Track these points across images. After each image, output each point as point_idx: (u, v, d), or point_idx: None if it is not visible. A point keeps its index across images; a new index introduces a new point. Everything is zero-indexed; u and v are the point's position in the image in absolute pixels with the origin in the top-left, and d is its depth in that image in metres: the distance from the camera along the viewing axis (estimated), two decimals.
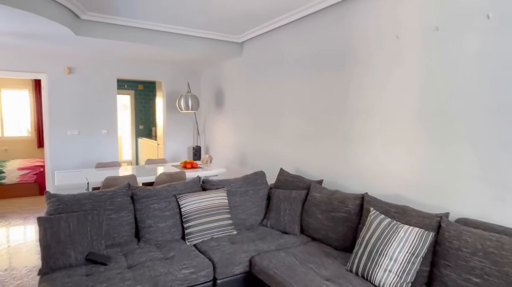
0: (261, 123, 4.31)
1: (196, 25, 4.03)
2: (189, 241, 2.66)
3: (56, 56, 4.90)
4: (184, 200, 2.78)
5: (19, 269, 3.02)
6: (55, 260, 2.15)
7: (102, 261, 2.24)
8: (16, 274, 2.92)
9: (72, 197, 2.54)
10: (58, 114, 5.02)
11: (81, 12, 3.48)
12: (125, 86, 8.68)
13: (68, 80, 5.05)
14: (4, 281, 2.82)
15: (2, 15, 2.97)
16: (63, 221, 2.28)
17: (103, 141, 5.38)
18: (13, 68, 4.72)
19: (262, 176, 3.36)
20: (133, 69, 5.56)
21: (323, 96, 3.27)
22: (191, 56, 4.83)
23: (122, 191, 2.73)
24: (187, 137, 6.18)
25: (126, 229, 2.62)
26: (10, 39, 3.82)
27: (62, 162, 5.07)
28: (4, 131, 7.28)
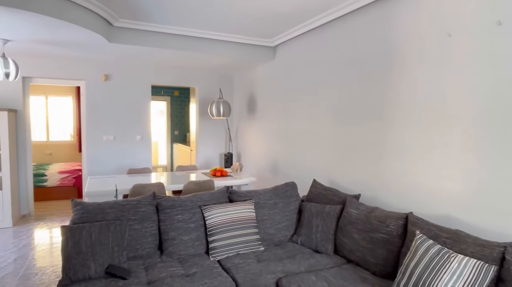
0: (293, 130, 4.09)
1: (228, 29, 3.93)
2: (213, 256, 2.50)
3: (94, 63, 5.05)
4: (209, 212, 2.64)
5: (48, 275, 3.04)
6: (74, 272, 2.08)
7: (122, 275, 2.14)
8: (44, 280, 2.94)
9: (97, 205, 2.49)
10: (95, 120, 5.15)
11: (113, 19, 3.50)
12: (161, 93, 8.87)
13: (105, 87, 5.18)
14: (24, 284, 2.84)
15: (44, 25, 3.05)
16: (85, 231, 2.22)
17: (137, 147, 5.44)
18: (56, 76, 4.92)
19: (293, 187, 3.14)
20: (167, 76, 5.60)
21: (362, 101, 2.99)
22: (224, 61, 4.74)
23: (147, 201, 2.64)
24: (219, 143, 6.10)
25: (149, 241, 2.51)
26: (52, 48, 3.95)
27: (98, 167, 5.19)
28: (50, 135, 7.69)
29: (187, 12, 3.33)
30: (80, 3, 3.02)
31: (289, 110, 4.17)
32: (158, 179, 4.00)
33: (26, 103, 4.81)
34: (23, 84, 4.74)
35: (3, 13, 2.72)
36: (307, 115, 3.80)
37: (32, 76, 4.77)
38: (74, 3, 3.00)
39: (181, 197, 2.74)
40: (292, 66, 4.11)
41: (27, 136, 4.82)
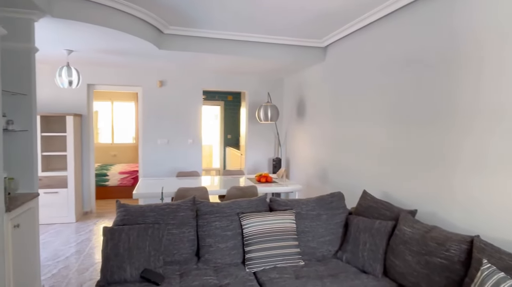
0: (344, 136, 3.82)
1: (276, 32, 3.82)
2: (249, 267, 2.38)
3: (150, 70, 5.31)
4: (247, 220, 2.53)
5: (98, 272, 3.20)
6: (111, 274, 2.12)
7: (155, 281, 2.13)
8: (94, 276, 3.10)
9: (139, 208, 2.53)
10: (150, 124, 5.40)
11: (164, 27, 3.61)
12: (215, 97, 9.09)
13: (160, 92, 5.41)
14: (76, 282, 3.00)
15: (102, 35, 3.27)
16: (124, 233, 2.26)
17: (188, 150, 5.58)
18: (116, 83, 5.27)
19: (339, 198, 2.90)
20: (217, 81, 5.67)
21: (422, 104, 2.65)
22: (273, 64, 4.64)
23: (186, 205, 2.62)
24: (268, 148, 6.00)
25: (186, 246, 2.48)
26: (111, 56, 4.23)
27: (152, 169, 5.43)
28: (114, 138, 8.31)
29: (236, 16, 3.30)
30: (133, 13, 3.15)
31: (340, 113, 3.91)
32: (204, 183, 4.02)
33: (90, 108, 5.23)
34: (88, 91, 5.16)
35: (68, 26, 2.94)
36: (359, 120, 3.51)
37: (95, 83, 5.17)
38: (128, 13, 3.14)
39: (219, 203, 2.68)
40: (343, 66, 3.85)
41: (91, 138, 5.23)
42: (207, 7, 3.08)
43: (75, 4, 2.77)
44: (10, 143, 2.53)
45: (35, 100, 2.63)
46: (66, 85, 3.83)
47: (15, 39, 2.47)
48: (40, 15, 2.56)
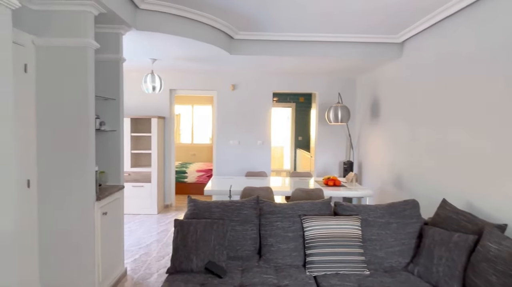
0: (422, 139, 3.49)
1: (347, 29, 3.69)
2: (309, 270, 2.34)
3: (224, 75, 5.59)
4: (309, 223, 2.49)
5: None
6: (179, 263, 2.29)
7: (218, 274, 2.24)
8: (168, 264, 3.38)
9: (206, 204, 2.69)
10: (224, 126, 5.69)
11: (234, 33, 3.78)
12: (287, 99, 9.13)
13: (232, 95, 5.66)
14: (153, 268, 3.31)
15: (181, 45, 3.57)
16: (192, 226, 2.43)
17: (258, 151, 5.72)
18: (195, 88, 5.68)
19: (413, 206, 2.66)
20: (287, 82, 5.70)
21: None
22: (345, 64, 4.49)
23: (250, 204, 2.70)
24: (339, 151, 5.80)
25: (249, 244, 2.56)
26: (189, 63, 4.58)
27: (224, 168, 5.70)
28: (194, 138, 8.96)
29: (305, 17, 3.29)
30: (206, 22, 3.38)
31: (417, 114, 3.58)
32: (270, 183, 4.07)
33: (172, 111, 5.73)
34: (170, 95, 5.67)
35: (150, 37, 3.29)
36: (438, 120, 3.17)
37: (176, 88, 5.65)
38: (201, 22, 3.37)
39: (282, 204, 2.70)
40: (422, 63, 3.52)
41: (172, 138, 5.73)
42: (275, 11, 3.13)
43: (155, 17, 3.08)
44: (102, 141, 2.94)
45: (123, 104, 3.00)
46: (150, 91, 4.27)
47: (106, 51, 2.86)
48: (126, 29, 2.92)
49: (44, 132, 2.38)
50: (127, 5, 2.75)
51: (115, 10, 2.51)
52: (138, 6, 2.93)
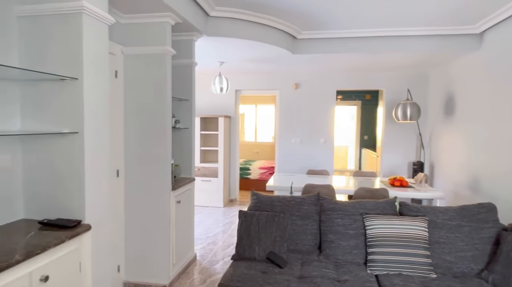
0: (505, 139, 3.18)
1: (417, 22, 3.52)
2: (370, 269, 2.33)
3: (287, 74, 5.69)
4: (371, 222, 2.47)
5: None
6: (243, 251, 2.46)
7: (279, 264, 2.35)
8: (232, 252, 3.61)
9: (268, 198, 2.83)
10: (286, 125, 5.80)
11: (297, 33, 3.86)
12: (352, 97, 8.88)
13: (295, 94, 5.74)
14: (219, 255, 3.54)
15: (247, 47, 3.78)
16: (255, 217, 2.58)
17: (320, 150, 5.71)
18: (259, 88, 5.89)
19: (490, 210, 2.46)
20: (352, 80, 5.58)
21: None
22: (414, 59, 4.27)
23: (311, 200, 2.76)
24: (408, 150, 5.50)
25: (309, 239, 2.63)
26: (254, 64, 4.79)
27: (286, 165, 5.81)
28: (257, 137, 9.23)
29: (370, 11, 3.23)
30: (269, 24, 3.52)
31: (499, 112, 3.26)
32: (332, 182, 4.07)
33: (237, 110, 6.02)
34: (235, 96, 5.96)
35: (219, 42, 3.55)
36: None
37: (242, 88, 5.92)
38: (265, 25, 3.53)
39: (343, 202, 2.71)
40: (505, 55, 3.20)
41: (237, 137, 6.02)
42: (339, 10, 3.13)
43: (223, 23, 3.31)
44: (176, 138, 3.26)
45: (194, 104, 3.29)
46: (218, 91, 4.57)
47: (180, 57, 3.17)
48: (198, 35, 3.19)
49: (130, 129, 2.75)
50: (199, 13, 3.02)
51: (189, 19, 2.79)
52: (208, 14, 3.19)
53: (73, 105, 1.72)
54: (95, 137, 1.82)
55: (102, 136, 1.89)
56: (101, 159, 1.88)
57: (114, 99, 2.64)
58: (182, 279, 3.00)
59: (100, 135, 1.87)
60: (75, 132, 1.72)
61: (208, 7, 3.10)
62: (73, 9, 1.66)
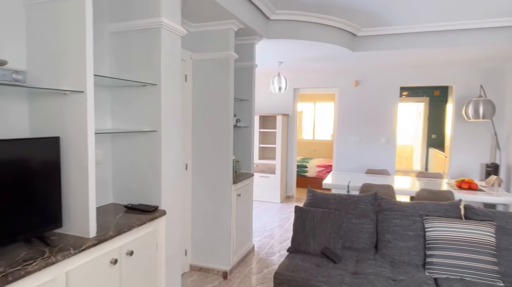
0: None
1: (491, 13, 3.26)
2: (429, 271, 2.28)
3: (346, 72, 5.62)
4: (431, 224, 2.41)
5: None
6: (298, 244, 2.58)
7: (333, 259, 2.42)
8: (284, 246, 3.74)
9: (324, 195, 2.90)
10: (345, 122, 5.73)
11: (356, 30, 3.82)
12: (419, 93, 8.37)
13: (355, 91, 5.64)
14: (276, 248, 3.69)
15: (305, 47, 3.87)
16: (310, 213, 2.68)
17: (380, 149, 5.54)
18: (317, 86, 5.91)
19: None
20: (417, 75, 5.30)
21: None
22: (488, 52, 3.94)
23: (367, 199, 2.77)
24: (480, 151, 5.07)
25: (365, 237, 2.65)
26: (312, 63, 4.85)
27: (344, 164, 5.76)
28: (315, 135, 9.20)
29: (435, 5, 3.10)
30: (328, 23, 3.55)
31: None
32: (392, 182, 3.96)
33: (295, 108, 6.11)
34: (293, 94, 6.05)
35: (278, 43, 3.70)
36: None
37: (300, 87, 5.99)
38: (324, 24, 3.57)
39: (402, 202, 2.67)
40: None
41: (294, 134, 6.12)
42: (403, 4, 3.05)
43: (283, 25, 3.44)
44: (237, 135, 3.49)
45: (254, 104, 3.48)
46: (276, 91, 4.72)
47: (242, 60, 3.37)
48: (258, 39, 3.37)
49: (197, 127, 3.04)
50: (259, 18, 3.19)
51: (251, 24, 2.97)
52: (268, 17, 3.35)
53: (152, 107, 2.00)
54: (169, 134, 2.09)
55: (175, 134, 2.16)
56: (174, 154, 2.15)
57: (184, 101, 2.94)
58: (241, 267, 3.23)
59: (173, 133, 2.13)
60: (154, 130, 2.00)
61: (269, 11, 3.25)
62: (154, 24, 1.93)
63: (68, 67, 1.51)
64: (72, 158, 1.55)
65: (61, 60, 1.52)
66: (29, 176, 1.42)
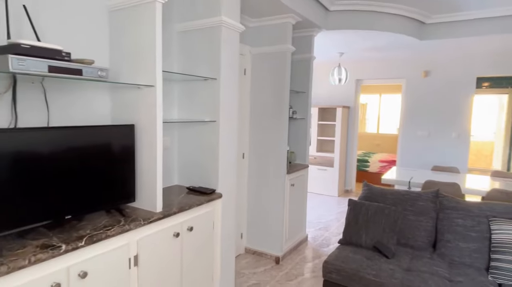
0: None
1: None
2: (493, 276, 2.13)
3: (414, 61, 5.27)
4: (499, 226, 2.24)
5: None
6: (350, 236, 2.59)
7: (386, 253, 2.39)
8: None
9: (380, 190, 2.85)
10: (412, 116, 5.41)
11: (425, 17, 3.58)
12: (502, 84, 7.45)
13: (424, 82, 5.27)
14: (330, 240, 3.70)
15: (368, 37, 3.78)
16: (364, 207, 2.66)
17: (451, 145, 5.13)
18: (381, 77, 5.66)
19: None
20: (498, 65, 4.75)
21: None
22: None
23: (428, 196, 2.66)
24: None
25: (422, 235, 2.55)
26: (377, 53, 4.67)
27: (408, 159, 5.45)
28: (380, 128, 8.79)
29: None
30: (393, 12, 3.40)
31: None
32: (462, 181, 3.67)
33: (356, 101, 5.93)
34: (356, 85, 5.87)
35: (338, 34, 3.65)
36: None
37: (362, 78, 5.79)
38: (388, 13, 3.42)
39: (466, 201, 2.51)
40: None
41: (355, 127, 5.95)
42: None
43: (343, 16, 3.38)
44: (293, 127, 3.56)
45: (311, 96, 3.51)
46: (337, 82, 4.66)
47: (300, 52, 3.42)
48: (317, 30, 3.37)
49: (254, 118, 3.19)
50: (318, 10, 3.19)
51: (309, 17, 2.99)
52: (328, 9, 3.32)
53: (212, 100, 2.18)
54: (227, 125, 2.26)
55: (232, 124, 2.32)
56: (231, 143, 2.32)
57: (243, 94, 3.11)
58: (293, 254, 3.33)
59: (231, 123, 2.30)
60: (214, 120, 2.19)
61: (328, 2, 3.23)
62: (215, 23, 2.10)
63: (142, 64, 1.75)
64: (144, 143, 1.80)
65: (136, 58, 1.77)
66: (111, 157, 1.70)
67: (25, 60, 1.24)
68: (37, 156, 1.39)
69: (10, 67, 1.20)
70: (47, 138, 1.43)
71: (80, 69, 1.43)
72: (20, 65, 1.22)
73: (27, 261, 1.20)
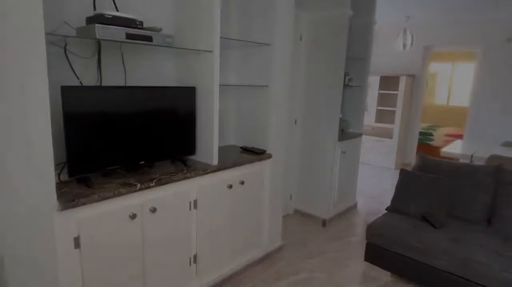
0: None
1: None
2: None
3: (495, 25, 4.68)
4: None
5: None
6: (398, 204, 2.61)
7: (433, 223, 2.38)
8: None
9: (435, 161, 2.77)
10: (487, 87, 4.91)
11: None
12: None
13: (506, 51, 4.69)
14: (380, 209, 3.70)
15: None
16: (416, 177, 2.64)
17: None
18: (453, 43, 5.15)
19: None
20: None
21: None
22: None
23: (486, 170, 2.53)
24: None
25: (476, 209, 2.47)
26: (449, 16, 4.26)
27: (478, 134, 5.04)
28: (450, 100, 8.08)
29: None
30: None
31: None
32: None
33: (424, 69, 5.52)
34: (423, 53, 5.44)
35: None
36: None
37: (432, 44, 5.33)
38: None
39: None
40: None
41: (420, 98, 5.60)
42: None
43: None
44: (348, 95, 3.53)
45: (369, 64, 3.41)
46: (401, 49, 4.39)
47: (359, 17, 3.29)
48: None
49: (309, 84, 3.23)
50: None
51: None
52: None
53: (265, 65, 2.30)
54: (278, 90, 2.37)
55: (284, 90, 2.43)
56: (281, 107, 2.44)
57: (298, 60, 3.15)
58: (340, 219, 3.44)
59: (282, 89, 2.41)
60: (266, 85, 2.32)
61: None
62: None
63: (202, 31, 1.92)
64: (203, 104, 2.01)
65: (197, 25, 1.94)
66: (176, 114, 1.94)
67: (108, 28, 1.47)
68: (118, 110, 1.67)
69: (97, 34, 1.44)
70: (126, 95, 1.70)
71: (150, 36, 1.64)
72: (104, 33, 1.47)
73: (112, 193, 1.50)
